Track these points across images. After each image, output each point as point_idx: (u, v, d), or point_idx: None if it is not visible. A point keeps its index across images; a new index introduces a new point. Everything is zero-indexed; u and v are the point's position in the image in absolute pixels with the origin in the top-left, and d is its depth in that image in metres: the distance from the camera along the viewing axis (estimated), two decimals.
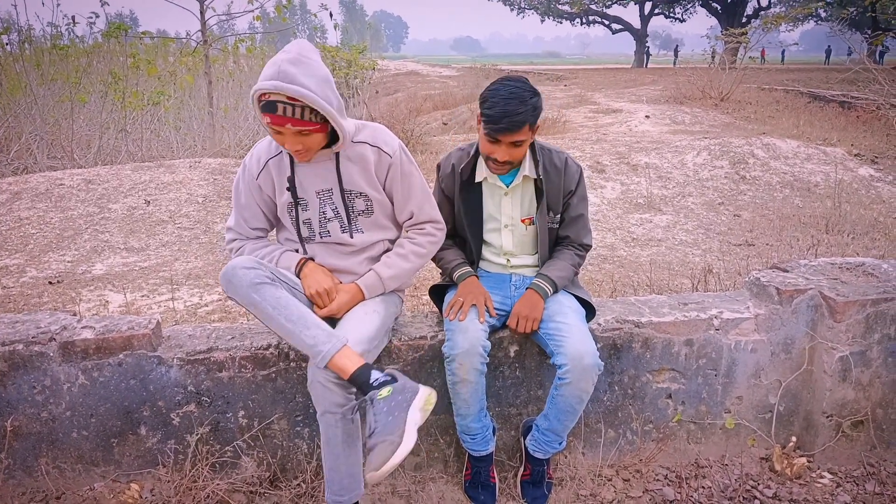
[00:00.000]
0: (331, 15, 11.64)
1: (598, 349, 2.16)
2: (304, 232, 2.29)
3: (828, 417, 2.57)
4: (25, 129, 8.60)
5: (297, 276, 2.25)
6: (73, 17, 10.14)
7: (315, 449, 2.42)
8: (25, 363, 2.22)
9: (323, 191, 2.20)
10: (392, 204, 2.29)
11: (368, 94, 15.21)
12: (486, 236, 2.47)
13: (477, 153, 2.38)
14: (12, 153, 8.35)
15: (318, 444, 2.39)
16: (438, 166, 2.48)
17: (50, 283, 4.57)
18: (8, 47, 9.83)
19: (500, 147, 2.19)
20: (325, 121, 2.01)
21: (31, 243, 5.47)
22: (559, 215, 2.44)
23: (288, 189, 2.21)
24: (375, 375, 1.94)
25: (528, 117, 2.15)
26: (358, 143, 2.18)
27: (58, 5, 9.88)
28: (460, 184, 2.40)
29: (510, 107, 2.12)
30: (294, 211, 2.24)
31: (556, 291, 2.39)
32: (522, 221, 2.43)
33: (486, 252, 2.52)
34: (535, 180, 2.37)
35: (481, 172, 2.39)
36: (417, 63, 54.54)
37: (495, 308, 2.35)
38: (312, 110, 1.96)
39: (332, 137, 2.12)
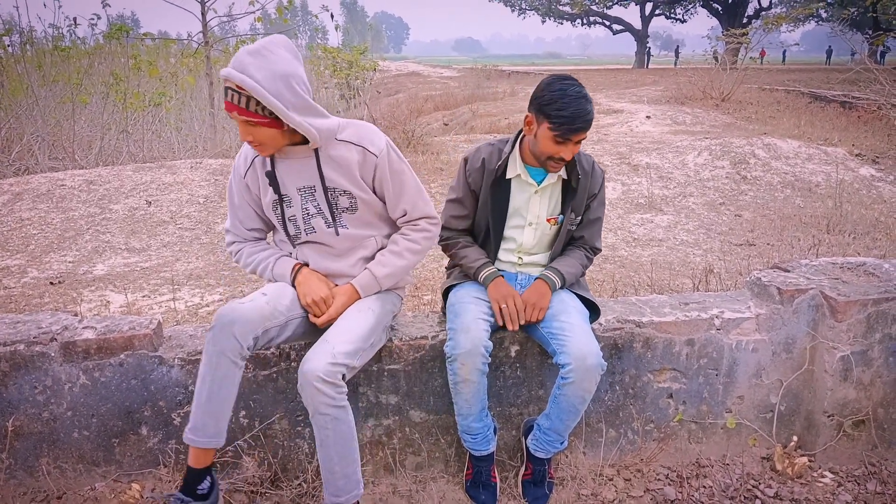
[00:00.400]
0: (332, 16, 11.67)
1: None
2: (292, 230, 2.26)
3: (829, 417, 2.57)
4: (27, 130, 8.61)
5: (293, 283, 2.24)
6: (74, 19, 10.16)
7: (316, 448, 2.41)
8: (27, 363, 2.22)
9: (305, 188, 2.17)
10: (384, 202, 2.26)
11: (370, 94, 15.21)
12: (507, 232, 2.47)
13: (511, 149, 2.38)
14: (14, 154, 8.36)
15: None
16: (465, 160, 2.45)
17: (51, 283, 4.58)
18: (10, 48, 9.85)
19: (568, 146, 2.21)
20: (277, 117, 1.97)
21: (33, 244, 5.47)
22: (580, 217, 2.45)
23: (270, 184, 2.19)
24: (205, 485, 2.06)
25: (593, 114, 2.21)
26: (341, 142, 2.14)
27: (59, 7, 9.90)
28: (490, 179, 2.40)
29: (582, 106, 2.15)
30: (279, 208, 2.22)
31: (563, 286, 2.40)
32: (548, 220, 2.44)
33: (500, 249, 2.52)
34: (565, 180, 2.39)
35: (514, 169, 2.39)
36: (418, 64, 54.55)
37: None
38: (259, 103, 1.92)
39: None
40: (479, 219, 2.49)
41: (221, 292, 4.31)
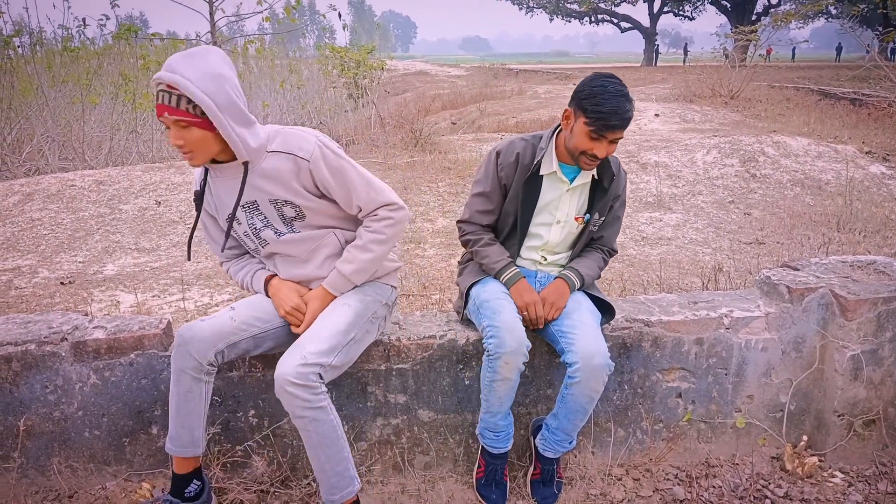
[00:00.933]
0: (339, 15, 11.67)
1: (608, 348, 2.16)
2: (250, 245, 2.24)
3: (839, 416, 2.56)
4: (37, 131, 8.67)
5: (268, 295, 2.24)
6: (83, 20, 10.20)
7: None
8: (38, 363, 2.24)
9: (246, 203, 2.12)
10: (336, 202, 2.18)
11: (377, 94, 15.22)
12: (532, 229, 2.46)
13: (547, 145, 2.38)
14: (24, 155, 8.42)
15: None
16: (497, 153, 2.43)
17: (62, 283, 4.61)
18: (20, 50, 9.90)
19: (602, 144, 2.21)
20: (207, 117, 1.92)
21: (43, 244, 5.51)
22: (602, 217, 2.46)
23: (195, 201, 2.17)
24: (192, 488, 2.15)
25: (633, 114, 2.21)
26: (272, 153, 2.07)
27: (68, 8, 9.94)
28: (524, 174, 2.39)
29: (620, 104, 2.15)
30: (230, 227, 2.19)
31: (581, 287, 2.40)
32: (575, 219, 2.44)
33: (523, 246, 2.51)
34: (595, 180, 2.40)
35: (549, 165, 2.38)
36: (426, 63, 54.54)
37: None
38: (191, 102, 1.87)
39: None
40: (505, 214, 2.47)
41: (231, 292, 4.33)
